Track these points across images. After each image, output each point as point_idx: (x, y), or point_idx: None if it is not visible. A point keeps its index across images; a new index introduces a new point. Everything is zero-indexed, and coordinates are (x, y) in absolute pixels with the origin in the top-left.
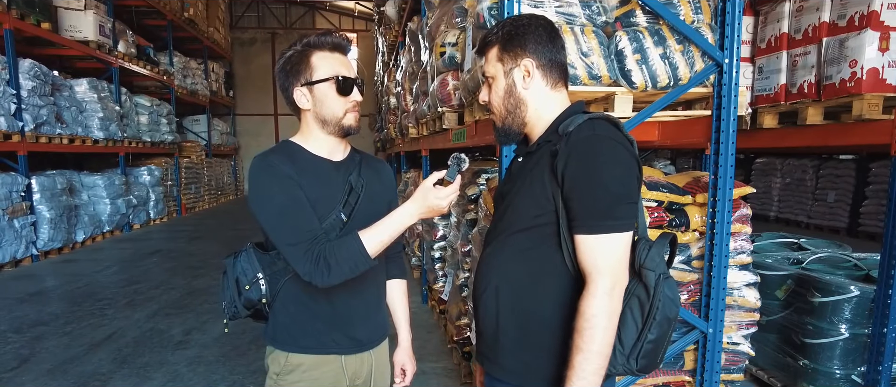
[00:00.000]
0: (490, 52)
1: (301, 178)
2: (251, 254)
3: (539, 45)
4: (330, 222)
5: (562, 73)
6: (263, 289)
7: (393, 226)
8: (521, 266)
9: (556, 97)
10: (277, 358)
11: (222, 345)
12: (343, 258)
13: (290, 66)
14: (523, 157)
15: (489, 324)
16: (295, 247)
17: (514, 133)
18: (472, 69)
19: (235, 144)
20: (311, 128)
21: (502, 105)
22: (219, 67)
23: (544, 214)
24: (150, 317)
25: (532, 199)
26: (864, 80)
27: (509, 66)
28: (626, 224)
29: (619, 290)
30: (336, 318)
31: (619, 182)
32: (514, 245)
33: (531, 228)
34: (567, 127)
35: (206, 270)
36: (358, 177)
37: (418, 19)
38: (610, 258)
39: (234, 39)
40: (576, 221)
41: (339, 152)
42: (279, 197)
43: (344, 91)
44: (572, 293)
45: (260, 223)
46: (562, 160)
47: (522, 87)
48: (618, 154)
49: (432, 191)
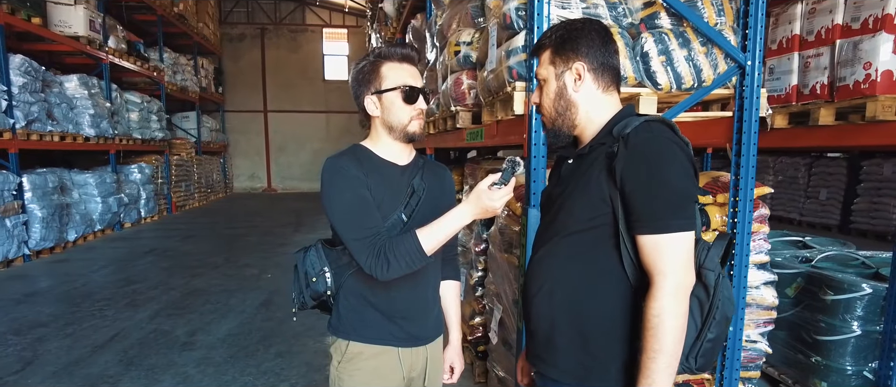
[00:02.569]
0: (543, 54)
1: (368, 179)
2: (319, 249)
3: (591, 48)
4: (392, 222)
5: (614, 77)
6: (329, 281)
7: (448, 225)
8: (576, 268)
9: (607, 100)
10: (339, 346)
11: (229, 346)
12: (401, 254)
13: (362, 75)
14: (574, 159)
15: (543, 326)
16: (359, 241)
17: (563, 134)
18: (495, 68)
19: (225, 142)
20: (380, 133)
21: (553, 107)
22: (208, 63)
23: (600, 215)
24: (151, 318)
25: (587, 201)
26: (878, 82)
27: (561, 70)
28: (690, 223)
29: (685, 290)
30: (394, 312)
31: (681, 182)
32: (569, 248)
33: (586, 230)
34: (622, 129)
35: (203, 270)
36: (420, 181)
37: (422, 17)
38: (676, 258)
39: (223, 35)
40: (639, 222)
41: (405, 157)
42: (347, 195)
43: (410, 100)
44: (630, 295)
45: (329, 219)
46: (621, 162)
47: (573, 89)
48: (678, 155)
49: (487, 193)
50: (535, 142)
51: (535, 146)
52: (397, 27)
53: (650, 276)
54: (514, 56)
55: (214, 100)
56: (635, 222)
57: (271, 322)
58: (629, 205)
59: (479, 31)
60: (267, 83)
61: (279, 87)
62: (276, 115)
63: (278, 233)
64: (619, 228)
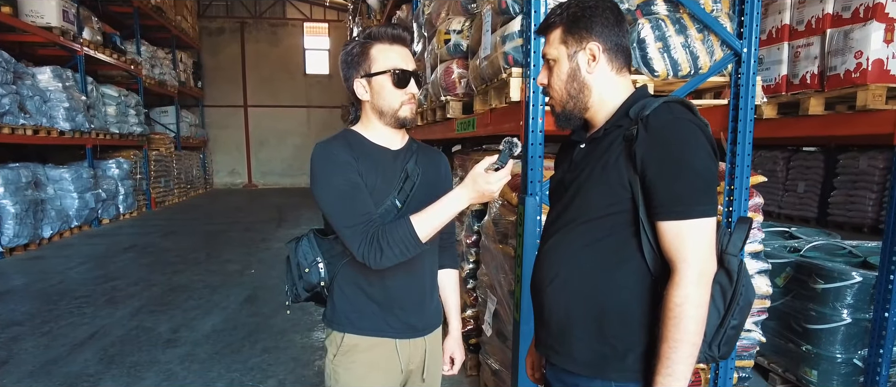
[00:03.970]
0: (553, 33)
1: (359, 164)
2: (312, 239)
3: (606, 28)
4: (385, 208)
5: (626, 58)
6: (322, 272)
7: (443, 211)
8: (592, 256)
9: (620, 82)
10: (335, 339)
11: (214, 342)
12: (395, 241)
13: (350, 58)
14: (587, 143)
15: (556, 316)
16: (351, 229)
17: (575, 118)
18: (490, 55)
19: (205, 137)
20: (370, 118)
21: (564, 89)
22: (187, 57)
23: (619, 201)
24: (133, 315)
25: (605, 186)
26: (869, 70)
27: (574, 50)
28: (713, 208)
29: (707, 277)
30: (391, 302)
31: (705, 166)
32: (585, 235)
33: (604, 217)
34: (640, 111)
35: (185, 267)
36: (415, 165)
37: (407, 8)
38: (698, 245)
39: (202, 29)
40: (661, 207)
41: (397, 141)
42: (338, 181)
43: (400, 83)
44: (650, 283)
45: (320, 207)
46: (641, 145)
47: (587, 71)
48: (700, 137)
49: (483, 176)
50: (532, 129)
51: (533, 133)
52: (381, 19)
53: (672, 263)
54: (510, 41)
55: (193, 94)
56: (657, 208)
57: (256, 318)
58: (651, 190)
59: (469, 19)
60: (247, 78)
61: (259, 82)
62: (256, 110)
63: (260, 229)
64: (639, 215)
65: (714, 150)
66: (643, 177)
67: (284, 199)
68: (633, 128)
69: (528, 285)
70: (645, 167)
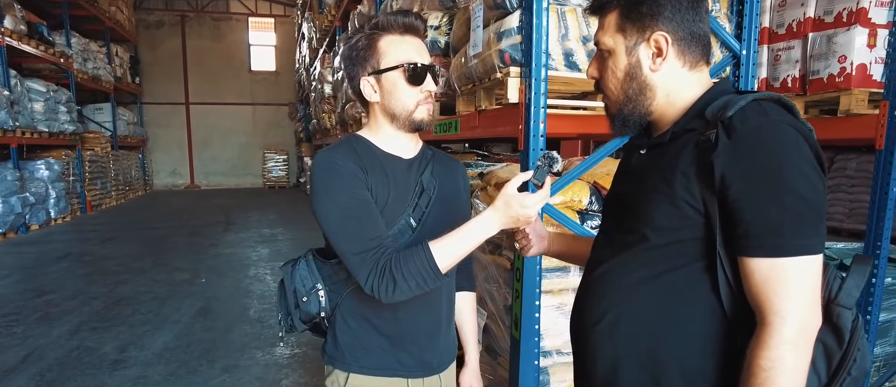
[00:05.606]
0: (608, 17)
1: (368, 176)
2: (311, 262)
3: (677, 12)
4: (398, 228)
5: (704, 49)
6: (322, 301)
7: (469, 238)
8: (651, 294)
9: (694, 78)
10: (337, 379)
11: (168, 362)
12: (410, 273)
13: (355, 53)
14: (648, 149)
15: (601, 366)
16: (358, 256)
17: (633, 123)
18: (482, 52)
19: (144, 136)
20: (380, 122)
21: (621, 89)
22: (123, 51)
23: (688, 226)
24: (72, 333)
25: (670, 206)
26: (853, 75)
27: (634, 41)
28: (820, 244)
29: (808, 335)
30: (402, 335)
31: (811, 187)
32: (642, 266)
33: (667, 245)
34: (721, 112)
35: (129, 276)
36: (430, 177)
37: (370, 2)
38: (799, 291)
39: (139, 21)
40: (749, 239)
41: (411, 149)
42: (343, 199)
43: (415, 80)
44: (725, 333)
45: (321, 227)
46: (722, 156)
47: (650, 68)
48: (803, 149)
49: (517, 198)
50: (533, 133)
51: (534, 138)
52: (336, 15)
53: (760, 312)
54: (507, 38)
55: (131, 91)
56: (742, 239)
57: (212, 333)
58: (734, 215)
59: (447, 14)
60: (188, 74)
61: (202, 78)
62: (198, 107)
63: (207, 233)
64: (716, 246)
65: (821, 164)
66: (723, 197)
67: (230, 200)
68: (711, 133)
69: (530, 301)
70: (726, 185)
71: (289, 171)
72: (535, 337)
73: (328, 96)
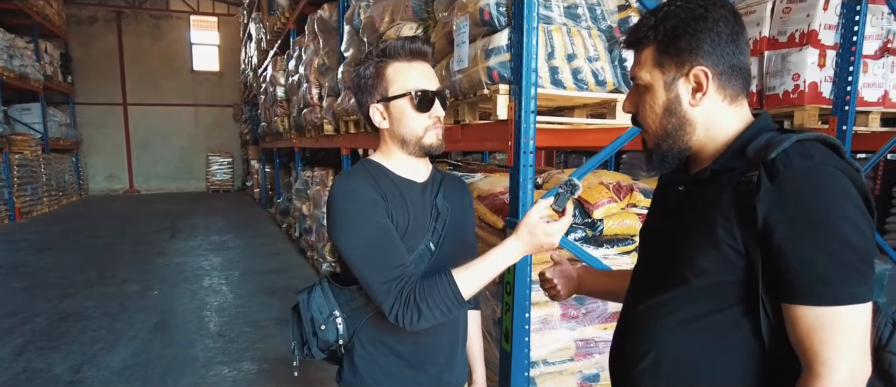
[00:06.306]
0: (644, 52)
1: (388, 204)
2: (326, 289)
3: (717, 46)
4: (418, 253)
5: (744, 82)
6: (340, 328)
7: (492, 267)
8: (691, 337)
9: (734, 112)
10: None
11: (128, 382)
12: (435, 302)
13: (364, 81)
14: (687, 185)
15: None
16: (383, 285)
17: (672, 158)
18: (467, 68)
19: (78, 137)
20: (391, 147)
21: (659, 125)
22: (53, 48)
23: (729, 269)
24: (16, 354)
25: (711, 249)
26: (806, 92)
27: (672, 76)
28: (869, 291)
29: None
30: (422, 358)
31: (859, 232)
32: (683, 307)
33: (708, 288)
34: (763, 152)
35: (73, 290)
36: (444, 200)
37: (331, 7)
38: (848, 341)
39: (70, 16)
40: (795, 287)
41: (423, 172)
42: (366, 228)
43: (423, 106)
44: (767, 379)
45: (342, 255)
46: (766, 201)
47: (690, 103)
48: (851, 193)
49: (541, 226)
50: (523, 150)
51: (524, 155)
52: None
53: (806, 359)
54: (495, 56)
55: (63, 90)
56: (788, 287)
57: (172, 348)
58: (779, 262)
59: (422, 26)
60: (126, 73)
61: (141, 78)
62: (137, 108)
63: (153, 240)
64: (759, 290)
65: (870, 207)
66: (767, 242)
67: (173, 205)
68: (753, 174)
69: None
70: (770, 230)
71: (234, 174)
72: (526, 349)
73: (281, 100)
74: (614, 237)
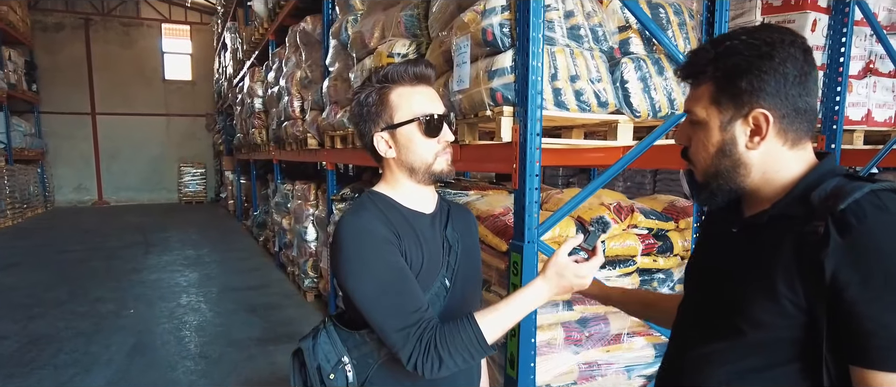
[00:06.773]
0: (701, 88)
1: (401, 242)
2: (332, 333)
3: (782, 87)
4: (434, 292)
5: (809, 125)
6: (350, 376)
7: (518, 311)
8: None
9: (795, 156)
10: None
11: None
12: (457, 349)
13: (366, 108)
14: (741, 229)
15: None
16: (400, 333)
17: (722, 196)
18: (468, 89)
19: (43, 148)
20: (398, 177)
21: (711, 163)
22: (17, 55)
23: (788, 324)
24: None
25: (769, 301)
26: None
27: (729, 116)
28: None
29: None
30: None
31: None
32: (735, 359)
33: (764, 342)
34: (831, 201)
35: (43, 309)
36: (453, 231)
37: (314, 20)
38: None
39: (35, 23)
40: (868, 351)
41: (431, 201)
42: (379, 270)
43: (431, 132)
44: None
45: (353, 300)
46: (836, 256)
47: (746, 145)
48: None
49: (571, 267)
50: (529, 174)
51: (530, 178)
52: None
53: None
54: (499, 78)
55: (27, 99)
56: (860, 350)
57: (153, 372)
58: (850, 323)
59: (414, 43)
60: (94, 81)
61: (110, 87)
62: (106, 118)
63: (126, 255)
64: (819, 347)
65: None
66: (836, 301)
67: (145, 218)
68: (819, 225)
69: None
70: (840, 288)
71: (207, 185)
72: (532, 375)
73: (259, 111)
74: (615, 258)
